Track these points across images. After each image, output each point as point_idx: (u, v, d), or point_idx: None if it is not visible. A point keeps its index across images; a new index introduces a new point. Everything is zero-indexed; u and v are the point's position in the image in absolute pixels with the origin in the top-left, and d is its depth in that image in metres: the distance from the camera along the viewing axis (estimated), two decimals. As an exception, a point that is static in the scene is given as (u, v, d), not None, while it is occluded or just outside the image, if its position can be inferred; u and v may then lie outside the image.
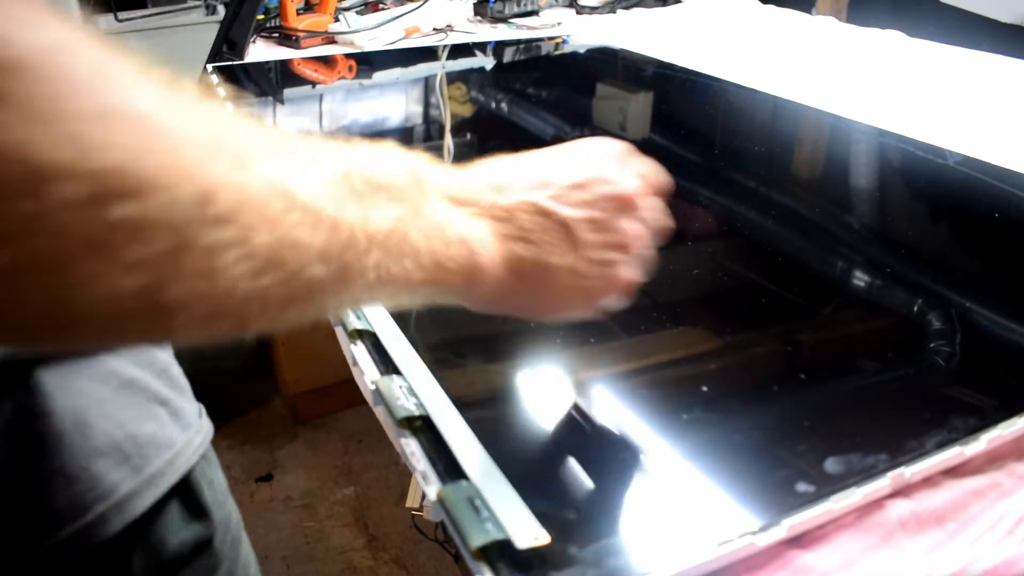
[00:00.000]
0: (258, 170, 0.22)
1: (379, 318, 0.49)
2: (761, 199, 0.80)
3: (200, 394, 0.47)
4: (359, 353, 0.46)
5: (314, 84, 1.16)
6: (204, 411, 0.47)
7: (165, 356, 0.44)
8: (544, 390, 0.46)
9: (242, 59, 1.19)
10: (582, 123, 1.03)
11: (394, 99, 1.14)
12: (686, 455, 0.40)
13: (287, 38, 1.30)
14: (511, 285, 0.32)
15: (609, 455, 0.41)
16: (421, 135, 1.01)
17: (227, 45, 1.19)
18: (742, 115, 1.06)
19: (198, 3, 2.30)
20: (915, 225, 0.76)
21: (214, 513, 0.43)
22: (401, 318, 0.49)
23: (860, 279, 0.62)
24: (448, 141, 0.95)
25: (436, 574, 1.31)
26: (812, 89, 1.02)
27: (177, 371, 0.45)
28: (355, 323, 0.48)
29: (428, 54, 1.30)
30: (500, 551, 0.32)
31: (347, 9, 1.36)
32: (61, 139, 0.17)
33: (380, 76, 1.21)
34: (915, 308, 0.56)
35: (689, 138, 1.01)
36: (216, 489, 0.44)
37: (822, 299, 0.60)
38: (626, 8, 1.56)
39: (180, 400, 0.43)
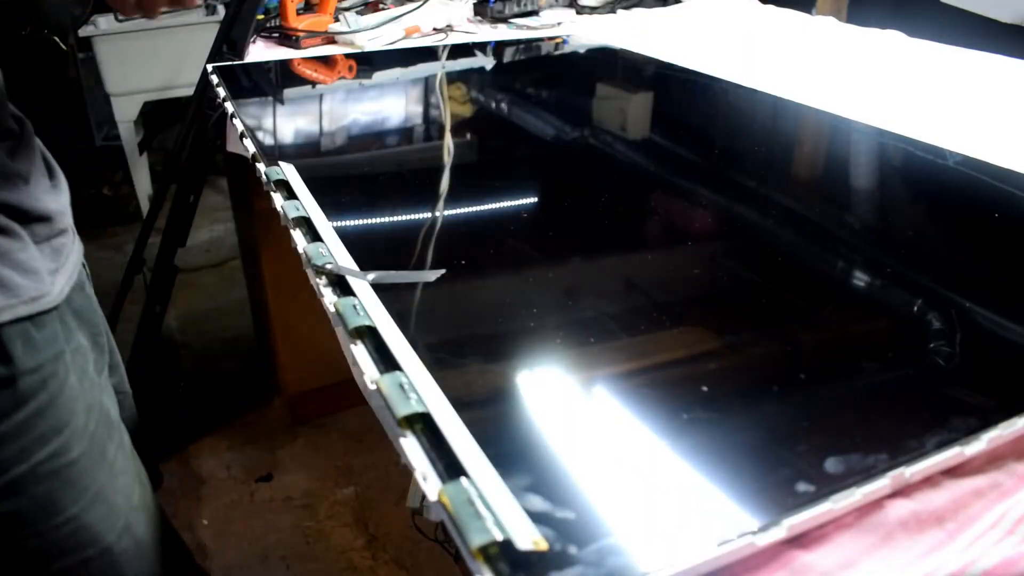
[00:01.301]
0: None
1: (379, 317, 0.49)
2: (761, 199, 0.80)
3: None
4: (359, 353, 0.46)
5: (314, 84, 1.16)
6: (66, 288, 0.57)
7: (7, 243, 0.52)
8: (544, 390, 0.47)
9: (242, 59, 1.19)
10: (582, 123, 1.03)
11: (394, 99, 1.14)
12: (686, 455, 0.40)
13: (287, 38, 1.31)
14: None
15: (609, 454, 0.41)
16: (421, 135, 1.01)
17: (227, 45, 1.19)
18: (742, 115, 1.06)
19: (198, 3, 2.31)
20: (915, 225, 0.76)
21: (20, 362, 0.51)
22: (401, 317, 0.49)
23: (860, 279, 0.62)
24: (448, 141, 0.95)
25: (436, 574, 1.31)
26: (812, 89, 1.02)
27: (27, 257, 0.53)
28: (356, 319, 0.48)
29: (428, 54, 1.30)
30: (500, 551, 0.32)
31: (347, 9, 1.36)
32: None
33: (380, 76, 1.21)
34: (915, 308, 0.56)
35: (689, 138, 1.01)
36: (38, 347, 0.53)
37: (822, 299, 0.60)
38: (626, 8, 1.56)
39: (13, 276, 0.52)
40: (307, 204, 0.66)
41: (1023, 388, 0.46)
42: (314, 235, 0.61)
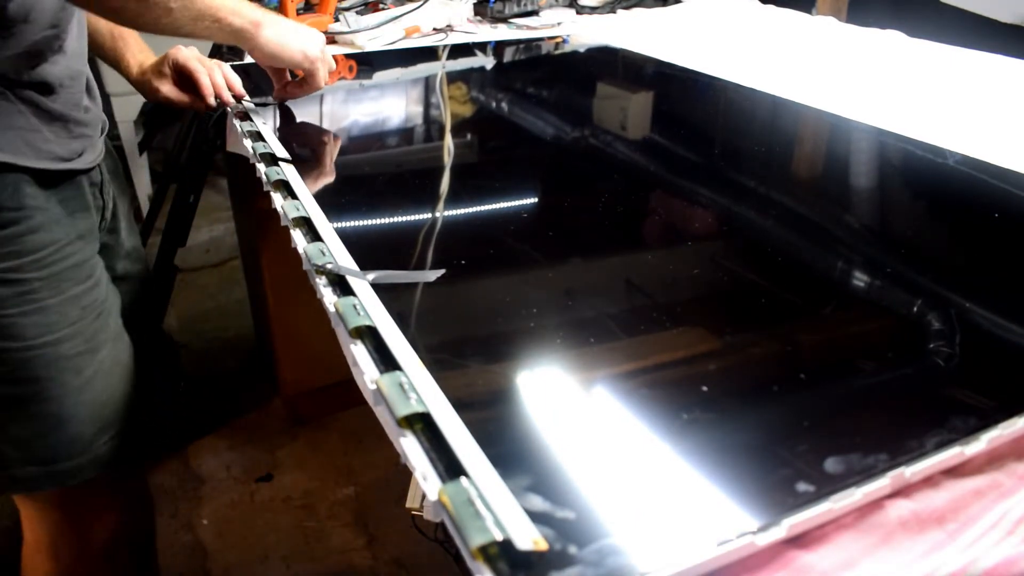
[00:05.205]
0: None
1: (379, 317, 0.49)
2: (761, 199, 0.80)
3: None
4: (359, 353, 0.46)
5: (314, 84, 1.16)
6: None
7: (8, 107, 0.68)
8: (544, 390, 0.46)
9: (242, 59, 1.19)
10: (582, 123, 1.03)
11: (394, 99, 1.14)
12: (686, 455, 0.40)
13: (287, 38, 1.30)
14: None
15: (609, 454, 0.41)
16: (421, 135, 1.01)
17: (227, 45, 1.19)
18: (742, 115, 1.06)
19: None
20: (915, 225, 0.76)
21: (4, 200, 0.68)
22: (401, 317, 0.49)
23: (860, 279, 0.62)
24: (448, 141, 0.95)
25: (436, 574, 1.31)
26: (812, 89, 1.02)
27: (26, 125, 0.70)
28: (356, 319, 0.48)
29: (428, 54, 1.30)
30: (500, 551, 0.32)
31: (347, 9, 1.36)
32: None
33: (380, 76, 1.21)
34: (915, 308, 0.56)
35: (689, 138, 1.01)
36: (22, 194, 0.69)
37: (822, 299, 0.60)
38: (626, 8, 1.56)
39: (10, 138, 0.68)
40: (307, 204, 0.66)
41: (1023, 388, 0.46)
42: (314, 235, 0.61)
